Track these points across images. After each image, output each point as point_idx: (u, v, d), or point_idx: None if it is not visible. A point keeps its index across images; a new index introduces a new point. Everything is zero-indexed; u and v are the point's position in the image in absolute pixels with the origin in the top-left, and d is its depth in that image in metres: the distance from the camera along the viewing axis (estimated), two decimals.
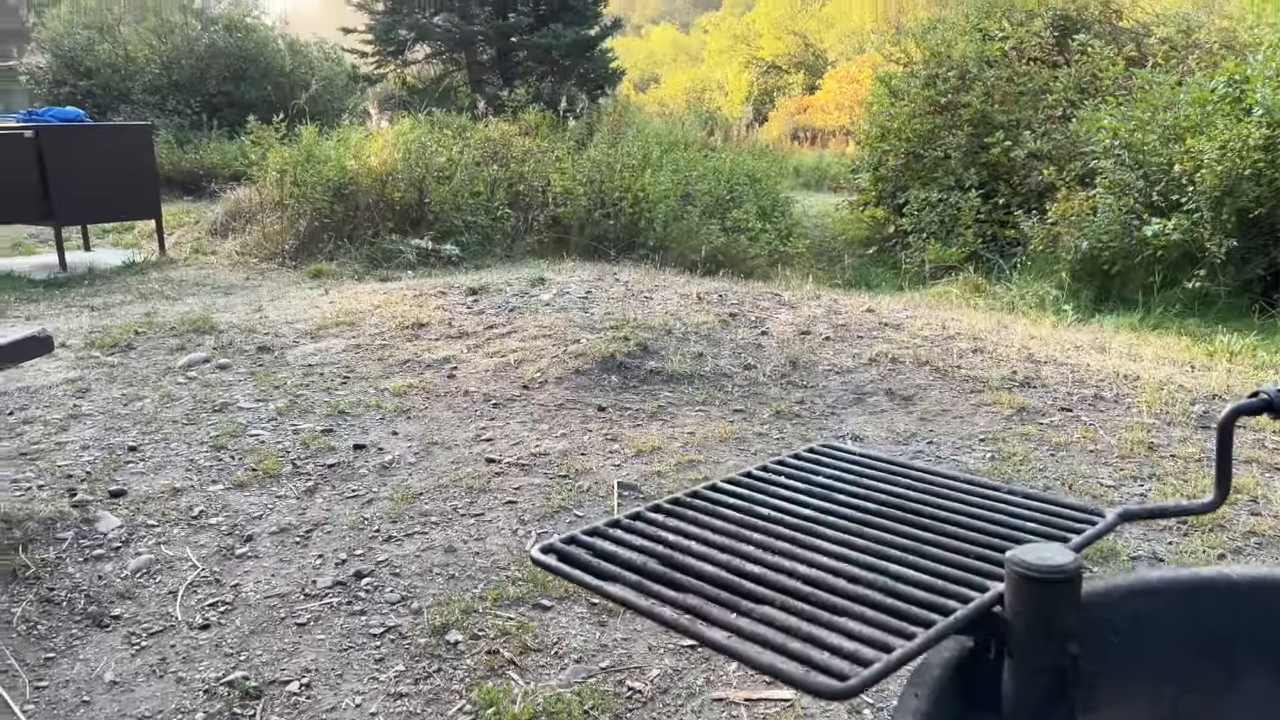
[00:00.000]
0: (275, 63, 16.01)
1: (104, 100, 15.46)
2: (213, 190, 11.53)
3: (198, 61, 15.63)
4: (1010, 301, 6.70)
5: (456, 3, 16.46)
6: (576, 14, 16.45)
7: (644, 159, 9.57)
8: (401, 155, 8.84)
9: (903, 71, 10.93)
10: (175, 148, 13.61)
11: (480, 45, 16.93)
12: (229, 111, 14.85)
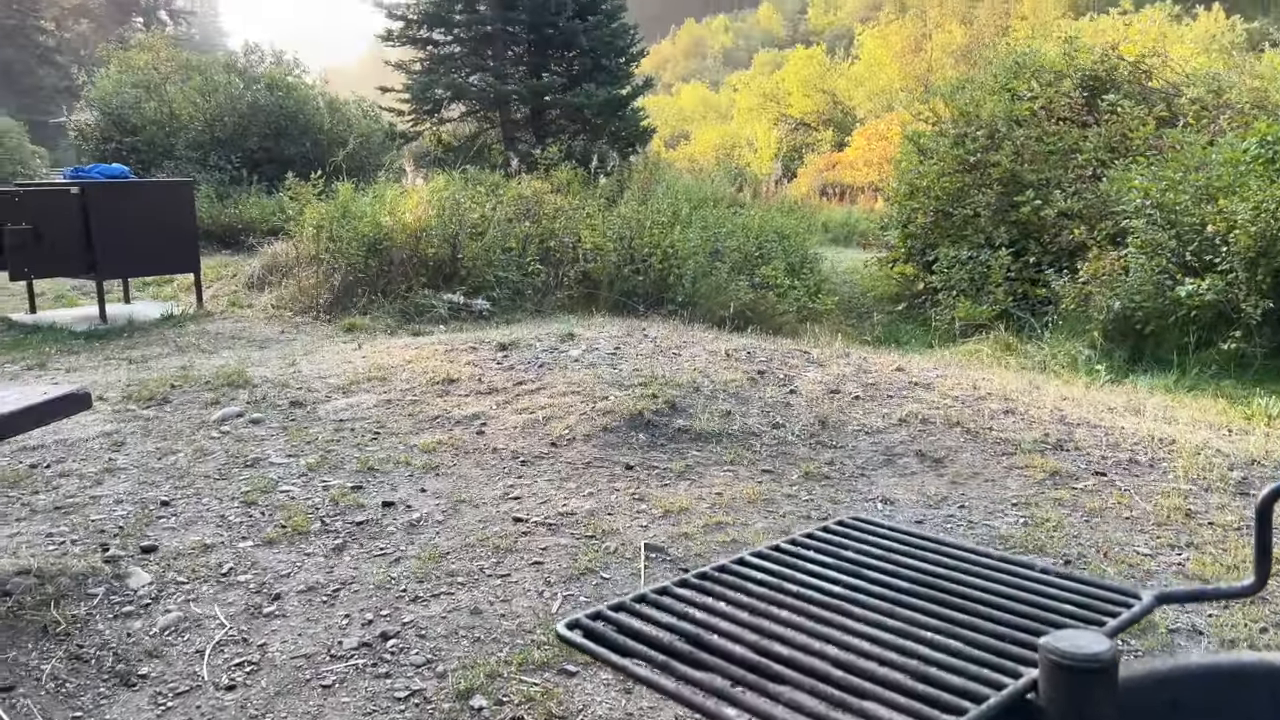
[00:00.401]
0: (315, 120, 16.40)
1: (148, 156, 15.89)
2: (251, 244, 11.77)
3: (240, 119, 16.03)
4: (1042, 361, 6.64)
5: (492, 63, 16.85)
6: (609, 74, 16.77)
7: (673, 216, 9.67)
8: (436, 211, 8.99)
9: (931, 130, 11.01)
10: (215, 202, 13.92)
11: (514, 104, 17.28)
12: (269, 167, 15.19)
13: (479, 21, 17.03)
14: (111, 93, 17.26)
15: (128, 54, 20.23)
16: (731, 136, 35.27)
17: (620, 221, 9.30)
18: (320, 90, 18.39)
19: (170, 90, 17.22)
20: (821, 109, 33.41)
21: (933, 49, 33.12)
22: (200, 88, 17.02)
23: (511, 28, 16.84)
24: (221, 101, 16.24)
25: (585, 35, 16.44)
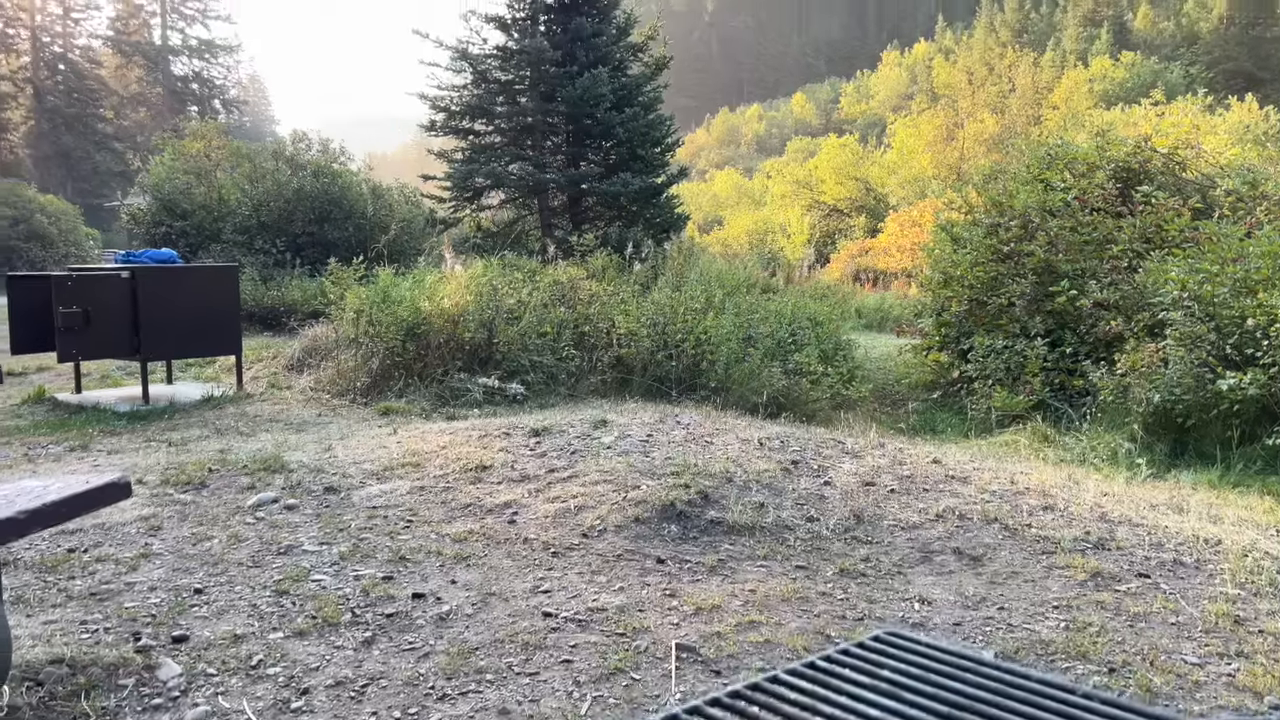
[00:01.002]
0: (358, 206, 16.84)
1: (196, 240, 16.37)
2: (292, 326, 12.01)
3: (286, 204, 16.50)
4: (1081, 453, 6.54)
5: (531, 152, 17.27)
6: (645, 163, 17.11)
7: (707, 302, 9.75)
8: (473, 297, 9.13)
9: (964, 219, 11.07)
10: (259, 284, 14.25)
11: (552, 191, 17.64)
12: (312, 250, 15.57)
13: (520, 113, 17.53)
14: (164, 179, 17.89)
15: (182, 143, 21.00)
16: (765, 222, 35.69)
17: (654, 307, 9.38)
18: (364, 177, 18.93)
19: (220, 177, 17.83)
20: (854, 196, 33.77)
21: (965, 138, 33.51)
22: (249, 174, 17.61)
23: (551, 119, 17.30)
24: (269, 187, 16.76)
25: (622, 126, 16.84)
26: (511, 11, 17.94)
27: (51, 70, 54.44)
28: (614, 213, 17.65)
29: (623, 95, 17.08)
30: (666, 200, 17.93)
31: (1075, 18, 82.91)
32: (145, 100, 58.82)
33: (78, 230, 30.46)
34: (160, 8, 60.03)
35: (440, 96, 17.81)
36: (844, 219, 33.10)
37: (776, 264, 23.24)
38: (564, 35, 17.18)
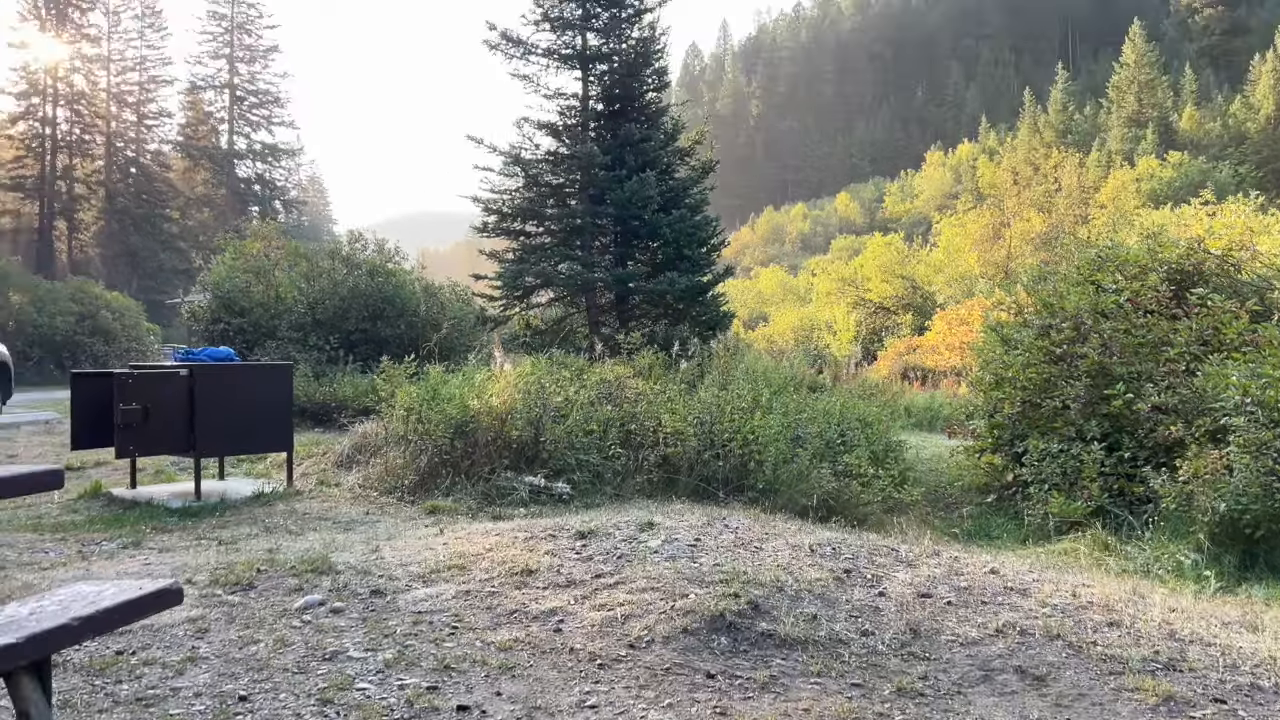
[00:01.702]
0: (411, 304, 17.18)
1: (253, 337, 16.77)
2: (342, 423, 12.15)
3: (340, 302, 16.90)
4: (1144, 564, 6.31)
5: (580, 252, 17.61)
6: (691, 263, 17.34)
7: (754, 401, 9.71)
8: (521, 395, 9.20)
9: (1014, 320, 10.99)
10: (312, 380, 14.49)
11: (600, 290, 17.90)
12: (364, 347, 15.86)
13: (569, 215, 17.95)
14: (225, 278, 18.46)
15: (243, 243, 21.74)
16: (810, 319, 35.81)
17: (700, 406, 9.36)
18: (417, 275, 19.38)
19: (278, 275, 18.35)
20: (901, 294, 33.80)
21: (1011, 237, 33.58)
22: (306, 273, 18.11)
23: (600, 220, 17.68)
24: (325, 286, 17.20)
25: (669, 227, 17.14)
26: (563, 119, 18.56)
27: (123, 173, 57.08)
28: (660, 310, 17.84)
29: (670, 197, 17.44)
30: (712, 298, 18.09)
31: (1120, 119, 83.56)
32: (210, 201, 61.27)
33: (140, 326, 31.44)
34: (228, 114, 63.02)
35: (493, 200, 18.33)
36: (890, 316, 33.07)
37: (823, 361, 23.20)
38: (613, 140, 17.68)
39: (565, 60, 18.61)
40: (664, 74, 19.64)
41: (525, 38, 18.41)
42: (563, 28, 18.56)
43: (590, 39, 18.61)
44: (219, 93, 63.05)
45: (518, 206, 18.52)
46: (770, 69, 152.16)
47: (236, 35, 63.02)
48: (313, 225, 76.00)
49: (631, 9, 18.54)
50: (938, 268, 35.06)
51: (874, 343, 30.18)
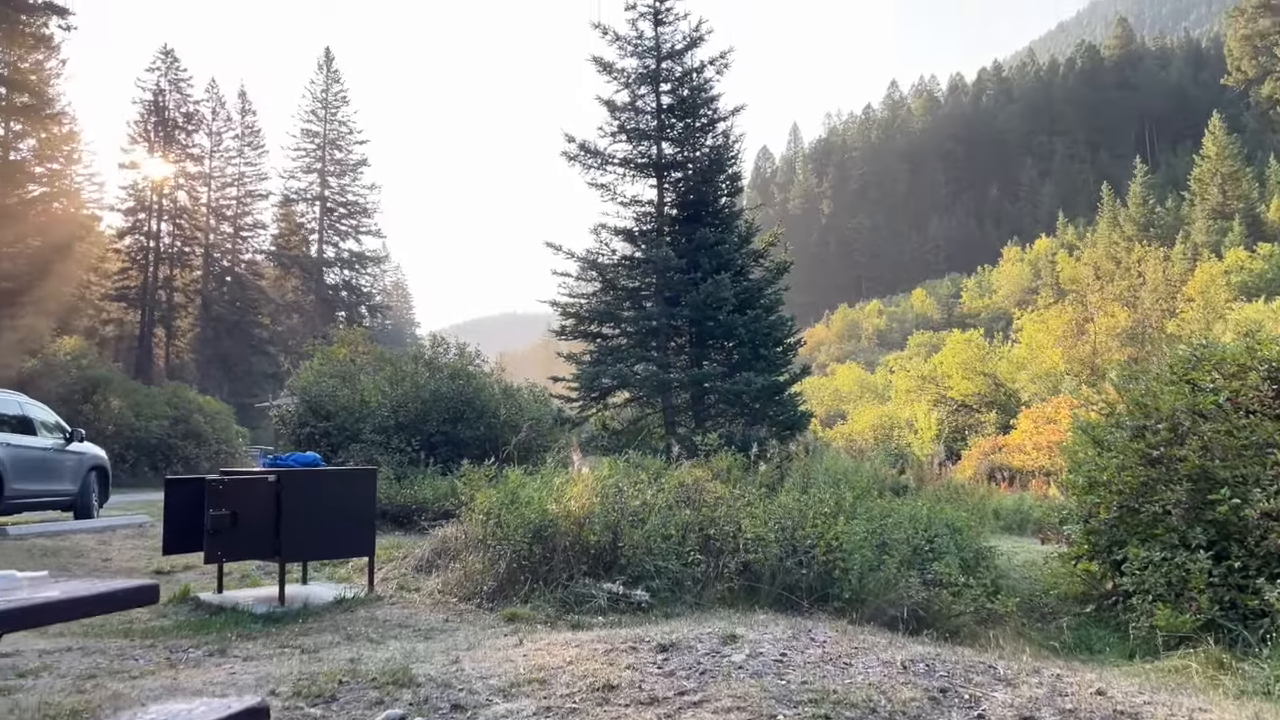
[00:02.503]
0: (490, 405, 17.43)
1: (338, 439, 17.14)
2: (422, 525, 12.24)
3: (422, 405, 17.23)
4: (1264, 684, 5.87)
5: (655, 353, 17.72)
6: (767, 362, 17.30)
7: (836, 505, 9.49)
8: (599, 499, 9.16)
9: (1105, 420, 10.62)
10: (393, 483, 14.70)
11: (676, 391, 17.92)
12: (445, 449, 16.07)
13: (645, 317, 18.15)
14: (312, 382, 19.01)
15: (330, 348, 22.45)
16: (890, 417, 35.23)
17: (781, 511, 9.19)
18: (496, 377, 19.72)
19: (363, 380, 18.84)
20: (983, 391, 33.10)
21: (1096, 332, 32.80)
22: (390, 377, 18.56)
23: (675, 322, 17.83)
24: (408, 389, 17.59)
25: (745, 328, 17.19)
26: (639, 224, 18.95)
27: (219, 282, 59.89)
28: (737, 410, 17.74)
29: (745, 298, 17.54)
30: (789, 397, 17.96)
31: (1203, 211, 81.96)
32: (299, 307, 63.71)
33: (230, 429, 32.46)
34: (319, 225, 65.96)
35: (570, 303, 18.68)
36: (973, 414, 32.34)
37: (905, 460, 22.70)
38: (688, 244, 17.95)
39: (641, 169, 19.10)
40: (737, 179, 20.00)
41: (602, 149, 19.00)
42: (638, 138, 19.11)
43: (665, 148, 19.10)
44: (310, 205, 66.17)
45: (594, 309, 18.82)
46: (841, 169, 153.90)
47: (328, 150, 66.40)
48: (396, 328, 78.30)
49: (705, 119, 19.03)
50: (1020, 364, 34.33)
51: (957, 441, 29.48)
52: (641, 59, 19.18)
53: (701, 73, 19.00)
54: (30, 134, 42.85)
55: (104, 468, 15.43)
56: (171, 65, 56.91)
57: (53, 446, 13.76)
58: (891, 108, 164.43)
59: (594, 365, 18.00)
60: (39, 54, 39.82)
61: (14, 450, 12.56)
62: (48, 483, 13.54)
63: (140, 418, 29.00)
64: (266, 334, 59.46)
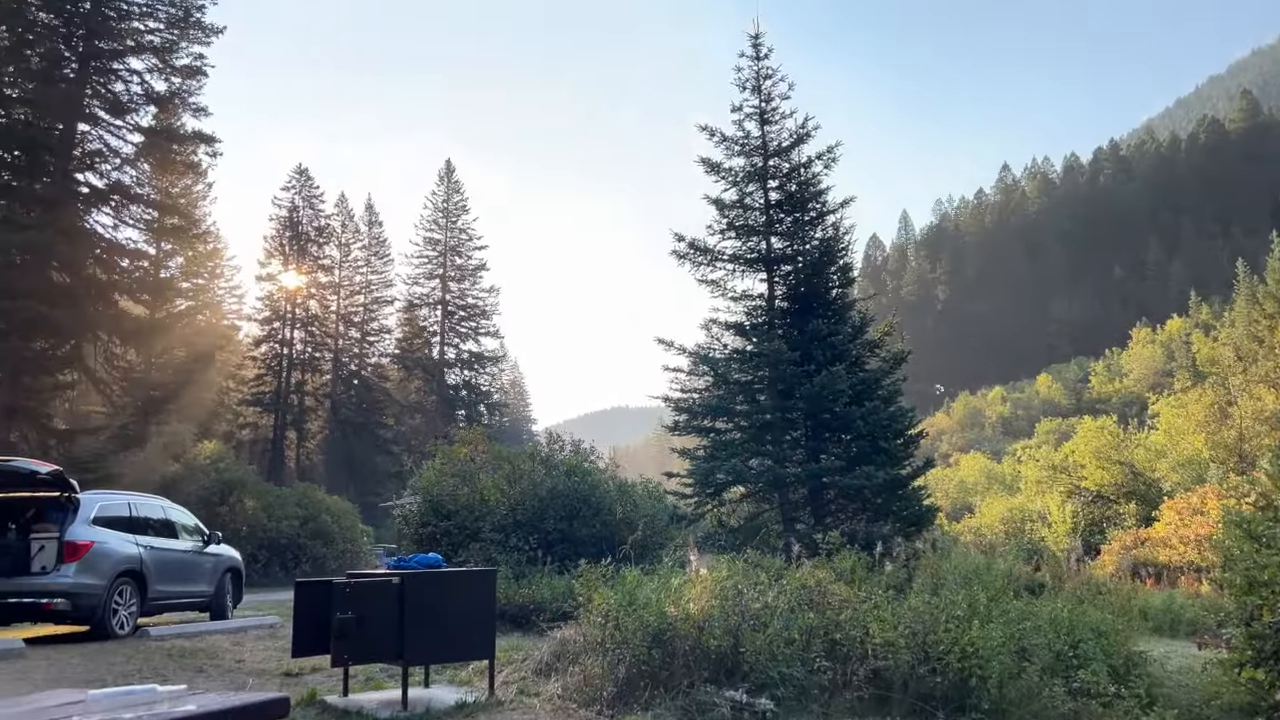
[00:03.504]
0: (605, 502, 17.39)
1: (458, 538, 17.36)
2: (541, 626, 12.18)
3: (539, 503, 17.32)
4: None
5: (770, 448, 17.47)
6: (888, 456, 16.84)
7: (970, 608, 9.01)
8: (718, 601, 8.95)
9: (1260, 513, 9.86)
10: (512, 582, 14.73)
11: (793, 486, 17.58)
12: (561, 547, 16.07)
13: (759, 411, 18.00)
14: (433, 481, 19.42)
15: (451, 448, 22.97)
16: (1020, 509, 33.71)
17: (911, 614, 8.77)
18: (610, 474, 19.74)
19: (482, 478, 19.13)
20: (1120, 481, 31.34)
21: (1241, 416, 30.83)
22: (508, 475, 18.80)
23: (790, 415, 17.60)
24: (525, 487, 17.74)
25: (862, 420, 16.83)
26: (750, 318, 18.97)
27: (346, 385, 62.45)
28: (858, 505, 17.26)
29: (861, 390, 17.22)
30: (913, 491, 17.39)
31: None
32: (421, 408, 65.72)
33: (355, 528, 33.33)
34: (440, 328, 68.39)
35: (683, 398, 18.69)
36: (1110, 506, 30.60)
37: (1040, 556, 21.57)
38: (801, 336, 17.83)
39: (750, 264, 19.22)
40: (849, 270, 19.89)
41: (711, 246, 19.22)
42: (747, 234, 19.29)
43: (774, 242, 19.21)
44: (432, 309, 68.77)
45: (707, 404, 18.77)
46: (955, 254, 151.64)
47: (449, 257, 69.25)
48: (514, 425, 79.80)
49: (814, 212, 19.10)
50: (1159, 452, 32.44)
51: (1095, 535, 27.86)
52: (749, 157, 19.48)
53: (809, 168, 19.15)
54: (179, 252, 46.12)
55: (238, 569, 15.98)
56: (305, 183, 60.82)
57: (192, 549, 14.36)
58: (1004, 191, 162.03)
59: (708, 460, 17.86)
60: (188, 179, 43.20)
61: (157, 553, 13.14)
62: (187, 584, 14.09)
63: (272, 518, 30.08)
64: (390, 434, 61.40)
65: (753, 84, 19.53)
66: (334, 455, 57.65)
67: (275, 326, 57.70)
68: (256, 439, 55.15)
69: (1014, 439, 77.19)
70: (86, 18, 31.22)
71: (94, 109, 31.80)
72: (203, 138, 33.91)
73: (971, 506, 41.78)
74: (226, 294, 61.81)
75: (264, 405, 55.72)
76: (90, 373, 31.47)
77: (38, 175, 30.35)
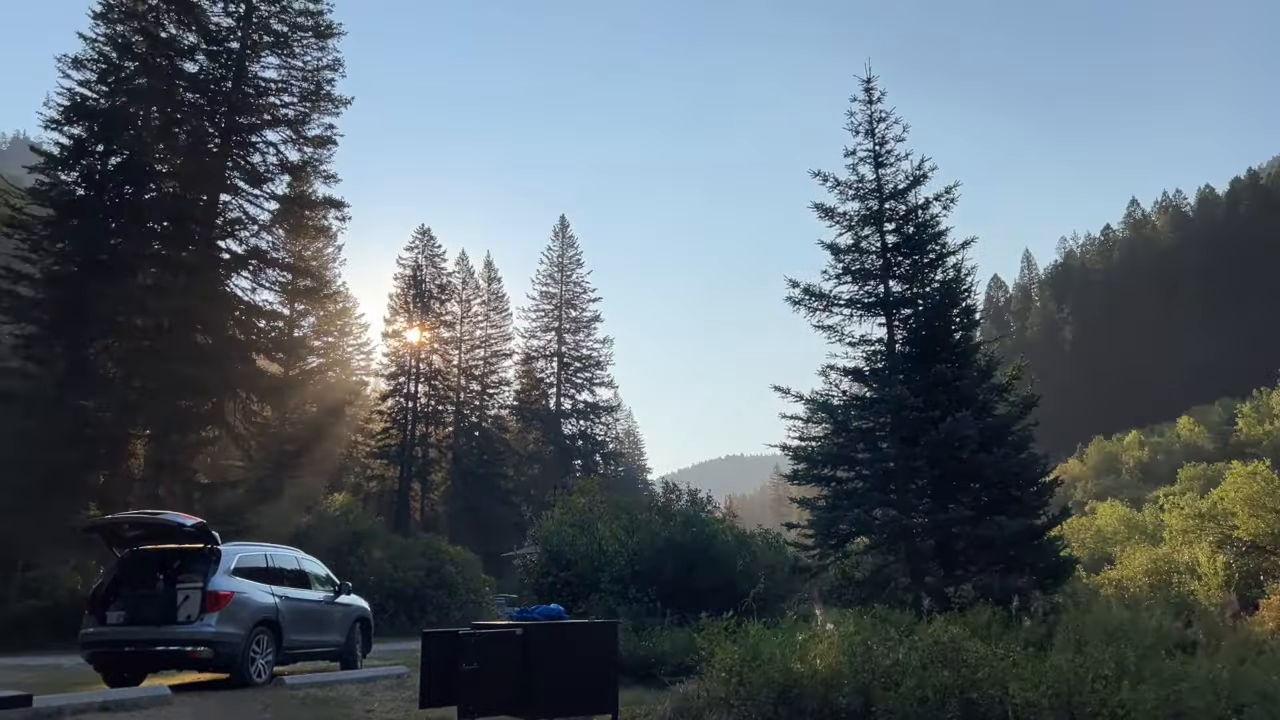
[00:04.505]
0: (724, 553, 17.15)
1: (578, 589, 17.38)
2: (662, 680, 12.00)
3: (657, 554, 17.22)
4: None
5: (895, 497, 16.96)
6: (1020, 505, 16.11)
7: (1118, 666, 8.45)
8: (846, 657, 8.65)
9: None
10: (631, 634, 14.59)
11: (920, 536, 16.99)
12: (680, 599, 15.88)
13: (881, 459, 17.52)
14: (553, 532, 19.55)
15: (569, 498, 23.15)
16: (1165, 560, 31.74)
17: (1054, 673, 8.28)
18: (728, 524, 19.49)
19: (600, 528, 19.16)
20: (1277, 530, 29.16)
21: None
22: (625, 525, 18.78)
23: (914, 463, 17.06)
24: (643, 538, 17.67)
25: (992, 467, 16.17)
26: (869, 364, 18.58)
27: (468, 437, 63.89)
28: (989, 557, 16.51)
29: (990, 435, 16.57)
30: (1049, 542, 16.55)
31: None
32: (539, 458, 66.65)
33: (478, 578, 33.85)
34: (556, 379, 69.53)
35: (801, 447, 18.36)
36: (1268, 557, 28.47)
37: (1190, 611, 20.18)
38: (923, 382, 17.32)
39: (868, 308, 18.87)
40: (972, 312, 19.30)
41: (827, 291, 18.99)
42: (864, 278, 18.98)
43: (893, 286, 18.84)
44: (549, 360, 70.07)
45: (827, 452, 18.38)
46: (1082, 293, 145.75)
47: (564, 310, 70.59)
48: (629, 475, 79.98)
49: (933, 254, 18.67)
50: None
51: (1251, 588, 25.94)
52: (864, 201, 19.24)
53: (927, 209, 18.77)
54: (311, 312, 48.36)
55: (367, 619, 16.35)
56: (428, 243, 63.17)
57: (324, 599, 14.77)
58: (1133, 226, 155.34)
59: (829, 510, 17.44)
60: (319, 242, 45.40)
61: (291, 603, 13.57)
62: (319, 634, 14.48)
63: (398, 568, 30.81)
64: (510, 484, 62.37)
65: (865, 128, 19.35)
66: (456, 506, 58.84)
67: (400, 381, 59.71)
68: (383, 490, 56.85)
69: (1154, 485, 73.01)
70: (228, 95, 33.42)
71: (234, 180, 33.89)
72: (332, 203, 35.68)
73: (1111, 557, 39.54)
74: (355, 351, 64.42)
75: (390, 458, 57.49)
76: (230, 429, 33.09)
77: (184, 244, 32.41)
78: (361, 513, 38.13)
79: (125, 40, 31.86)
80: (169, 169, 32.51)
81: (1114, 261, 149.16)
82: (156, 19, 32.73)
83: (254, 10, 34.09)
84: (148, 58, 32.11)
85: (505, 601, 31.03)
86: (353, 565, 29.14)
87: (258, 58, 34.42)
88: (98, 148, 30.67)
